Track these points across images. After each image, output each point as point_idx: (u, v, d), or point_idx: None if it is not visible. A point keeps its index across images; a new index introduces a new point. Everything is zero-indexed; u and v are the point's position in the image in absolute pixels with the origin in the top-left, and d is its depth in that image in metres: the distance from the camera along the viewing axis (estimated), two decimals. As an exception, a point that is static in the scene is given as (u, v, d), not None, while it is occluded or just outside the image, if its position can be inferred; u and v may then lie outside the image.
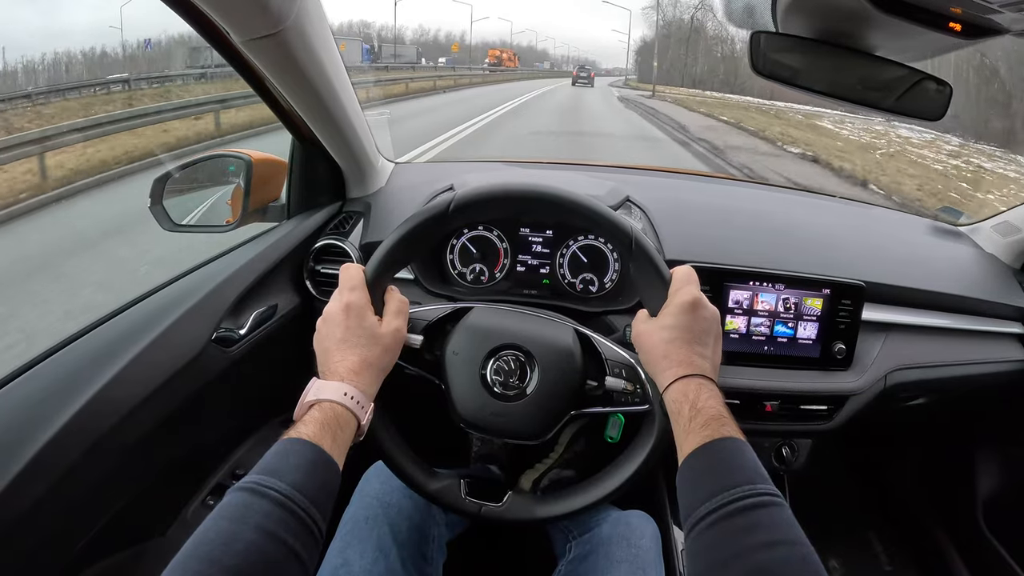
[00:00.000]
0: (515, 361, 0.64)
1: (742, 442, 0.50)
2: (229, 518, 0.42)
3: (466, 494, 0.64)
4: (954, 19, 0.57)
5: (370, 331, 0.57)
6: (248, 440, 0.89)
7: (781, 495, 0.45)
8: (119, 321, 0.69)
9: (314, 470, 0.46)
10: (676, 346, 0.55)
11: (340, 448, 0.50)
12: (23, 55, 13.87)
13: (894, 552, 1.08)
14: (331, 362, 0.55)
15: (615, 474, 0.64)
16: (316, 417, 0.50)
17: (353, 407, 0.52)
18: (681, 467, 0.51)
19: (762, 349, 0.85)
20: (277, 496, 0.43)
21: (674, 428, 0.53)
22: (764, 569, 0.41)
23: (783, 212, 1.05)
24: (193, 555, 0.39)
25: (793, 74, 0.74)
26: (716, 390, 0.54)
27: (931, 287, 0.90)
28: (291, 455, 0.47)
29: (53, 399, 0.58)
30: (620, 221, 0.61)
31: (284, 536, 0.42)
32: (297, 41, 0.63)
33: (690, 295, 0.57)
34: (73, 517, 0.61)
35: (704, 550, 0.44)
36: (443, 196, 0.61)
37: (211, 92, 8.74)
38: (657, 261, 0.60)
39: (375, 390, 0.56)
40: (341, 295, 0.58)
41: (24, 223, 3.92)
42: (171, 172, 0.89)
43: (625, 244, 0.60)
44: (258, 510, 0.42)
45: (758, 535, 0.43)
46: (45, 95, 8.61)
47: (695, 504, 0.46)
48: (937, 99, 0.73)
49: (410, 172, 1.05)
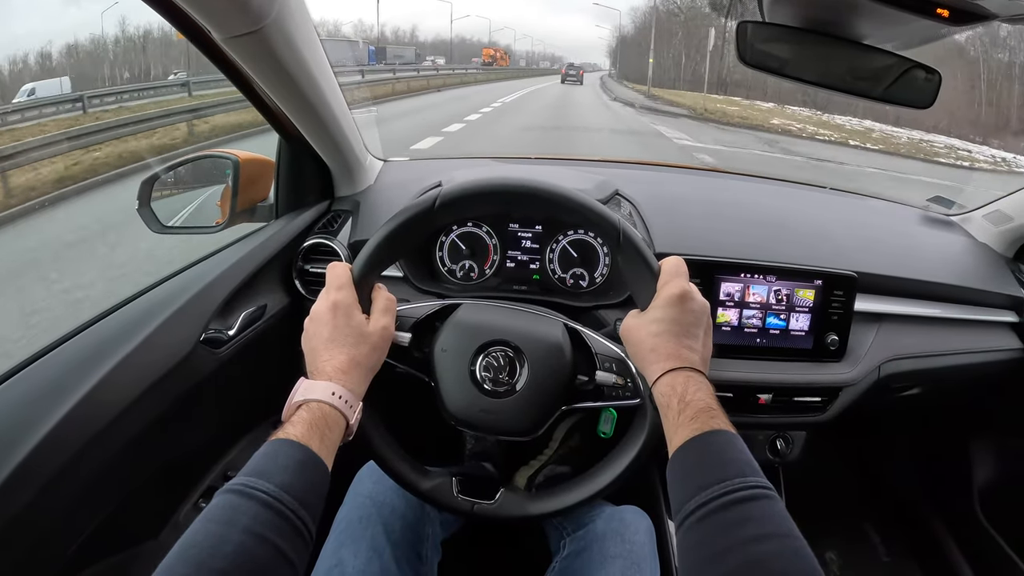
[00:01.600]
0: (504, 357, 0.63)
1: (732, 434, 0.49)
2: (217, 520, 0.41)
3: (458, 492, 0.64)
4: (941, 4, 0.57)
5: (358, 330, 0.56)
6: (240, 442, 0.88)
7: (773, 488, 0.45)
8: (107, 323, 0.68)
9: (302, 471, 0.46)
10: (664, 339, 0.55)
11: (329, 448, 0.50)
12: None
13: (891, 542, 1.08)
14: (319, 361, 0.55)
15: (608, 469, 0.64)
16: (304, 417, 0.49)
17: (341, 407, 0.52)
18: (671, 461, 0.50)
19: (754, 341, 0.84)
20: (265, 498, 0.43)
21: (663, 422, 0.53)
22: (757, 562, 0.41)
23: (773, 204, 1.05)
24: (180, 559, 0.39)
25: (781, 64, 0.73)
26: (705, 382, 0.53)
27: (924, 276, 0.89)
28: (279, 456, 0.46)
29: (42, 402, 0.57)
30: (607, 214, 0.61)
31: (273, 538, 0.41)
32: (279, 38, 0.62)
33: (678, 287, 0.57)
34: (64, 521, 0.60)
35: (696, 544, 0.44)
36: (429, 193, 0.61)
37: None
38: (645, 253, 0.59)
39: (364, 389, 0.56)
40: (328, 294, 0.58)
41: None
42: (159, 173, 0.89)
43: (613, 237, 0.60)
44: (246, 512, 0.42)
45: (750, 528, 0.42)
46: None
47: (686, 498, 0.46)
48: (926, 87, 0.73)
49: (399, 170, 1.05)
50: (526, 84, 27.95)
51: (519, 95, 18.57)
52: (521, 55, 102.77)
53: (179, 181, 0.92)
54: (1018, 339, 0.91)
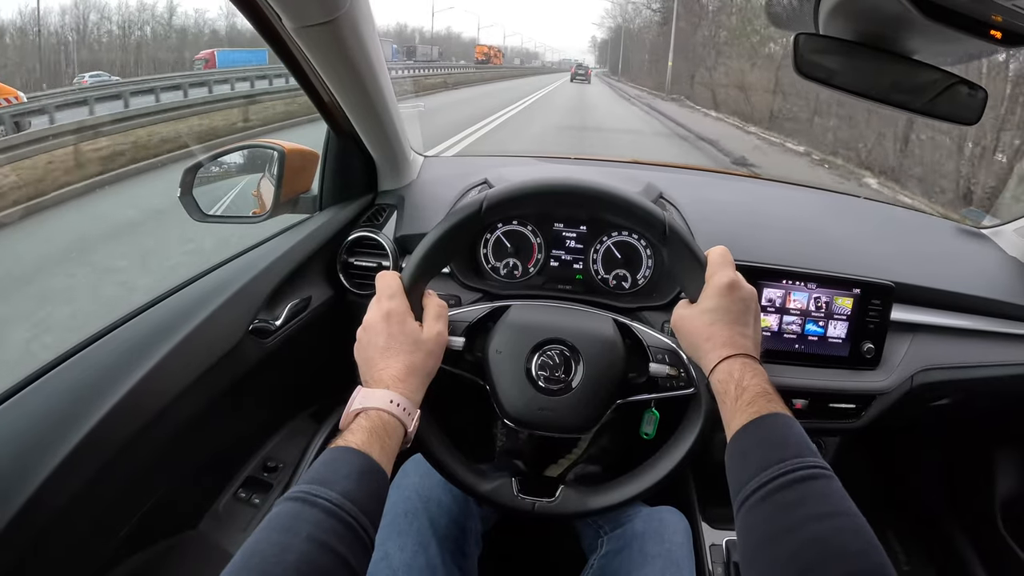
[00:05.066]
0: (559, 355, 0.64)
1: (789, 417, 0.50)
2: (280, 529, 0.41)
3: (519, 492, 0.65)
4: (995, 27, 0.59)
5: (412, 337, 0.57)
6: (279, 432, 0.88)
7: (830, 468, 0.46)
8: (158, 310, 0.68)
9: (363, 478, 0.46)
10: (718, 328, 0.56)
11: (388, 456, 0.50)
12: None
13: (912, 551, 1.09)
14: (375, 370, 0.55)
15: (665, 459, 0.65)
16: (364, 425, 0.50)
17: (400, 414, 0.52)
18: (729, 444, 0.51)
19: (793, 347, 0.85)
20: (327, 505, 0.43)
21: (721, 408, 0.54)
22: (818, 539, 0.41)
23: (811, 211, 1.06)
24: (244, 567, 0.39)
25: (830, 75, 0.74)
26: (760, 368, 0.54)
27: (957, 288, 0.90)
28: (340, 464, 0.46)
29: (91, 390, 0.57)
30: (652, 208, 0.62)
31: (335, 545, 0.41)
32: (348, 30, 0.63)
33: (727, 277, 0.58)
34: (110, 509, 0.60)
35: (756, 524, 0.45)
36: (474, 196, 0.61)
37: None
38: (691, 244, 0.61)
39: (421, 396, 0.56)
40: (380, 303, 0.58)
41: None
42: (202, 162, 0.89)
43: (659, 231, 0.61)
44: (309, 520, 0.42)
45: (810, 507, 0.43)
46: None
47: (745, 479, 0.47)
48: (971, 103, 0.74)
49: (440, 165, 1.05)
50: (533, 84, 26.92)
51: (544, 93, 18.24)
52: (517, 52, 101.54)
53: (222, 170, 0.92)
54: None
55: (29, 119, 6.32)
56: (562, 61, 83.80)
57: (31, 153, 4.56)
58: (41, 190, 4.26)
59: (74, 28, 19.25)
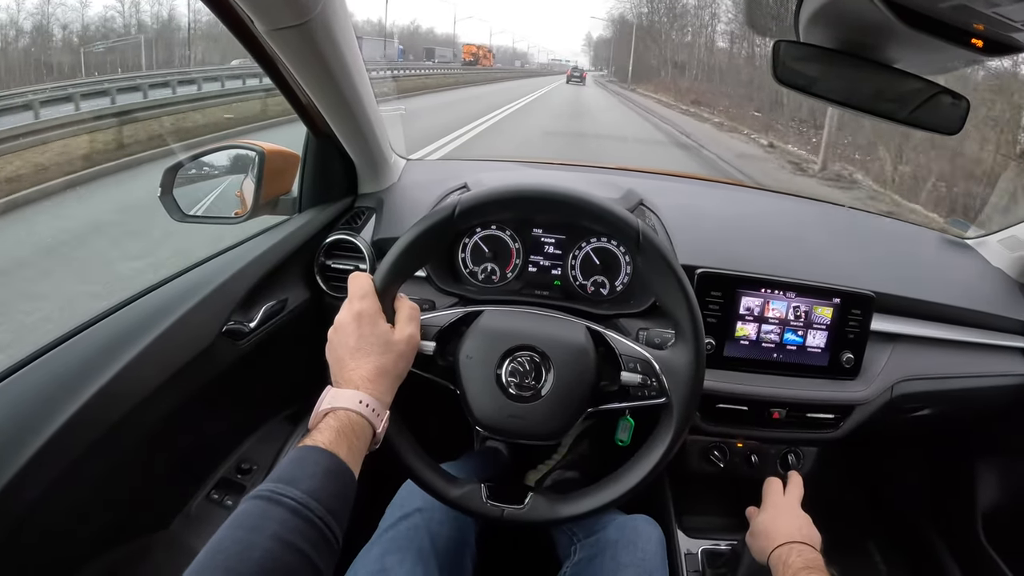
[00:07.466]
0: (530, 362, 0.64)
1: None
2: (245, 527, 0.41)
3: (487, 498, 0.64)
4: (976, 35, 0.58)
5: (383, 338, 0.57)
6: (253, 435, 0.88)
7: None
8: (130, 311, 0.68)
9: (330, 478, 0.46)
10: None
11: (356, 456, 0.50)
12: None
13: (893, 561, 1.09)
14: (345, 371, 0.55)
15: (636, 469, 0.64)
16: (332, 425, 0.50)
17: (368, 415, 0.52)
18: None
19: (771, 356, 0.85)
20: (293, 504, 0.43)
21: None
22: None
23: (793, 220, 1.06)
24: (209, 565, 0.39)
25: (810, 83, 0.74)
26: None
27: (939, 299, 0.90)
28: (307, 463, 0.46)
29: (61, 389, 0.57)
30: (625, 215, 0.62)
31: (301, 545, 0.41)
32: (321, 32, 0.63)
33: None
34: (80, 509, 0.60)
35: None
36: (448, 200, 0.61)
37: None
38: (666, 252, 0.61)
39: (390, 398, 0.56)
40: (351, 304, 0.58)
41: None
42: (183, 162, 0.88)
43: (632, 239, 0.61)
44: (274, 518, 0.42)
45: None
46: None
47: None
48: (953, 113, 0.74)
49: (422, 169, 1.05)
50: (527, 87, 24.88)
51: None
52: (507, 52, 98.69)
53: (203, 170, 0.92)
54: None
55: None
56: (551, 63, 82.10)
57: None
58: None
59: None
